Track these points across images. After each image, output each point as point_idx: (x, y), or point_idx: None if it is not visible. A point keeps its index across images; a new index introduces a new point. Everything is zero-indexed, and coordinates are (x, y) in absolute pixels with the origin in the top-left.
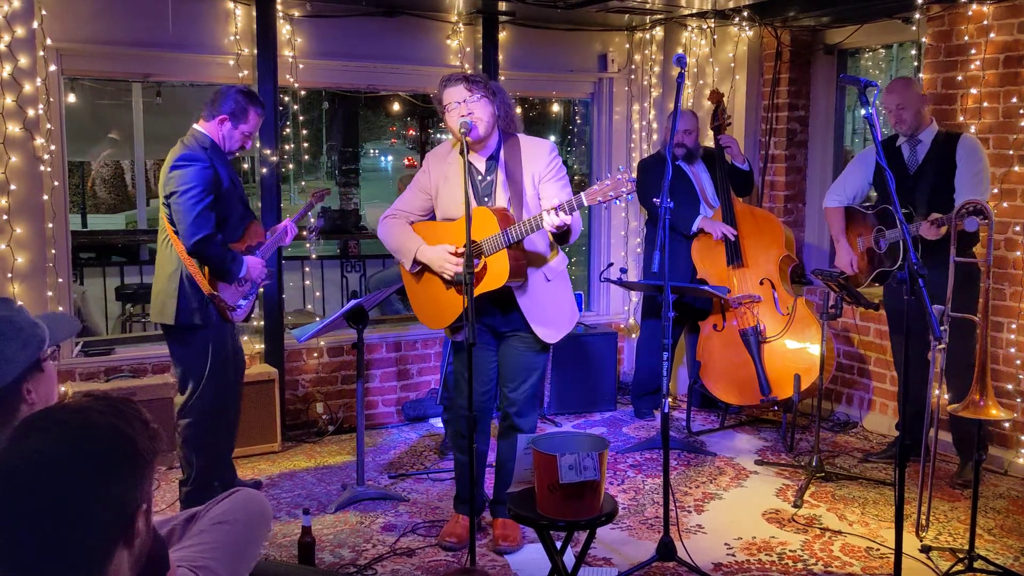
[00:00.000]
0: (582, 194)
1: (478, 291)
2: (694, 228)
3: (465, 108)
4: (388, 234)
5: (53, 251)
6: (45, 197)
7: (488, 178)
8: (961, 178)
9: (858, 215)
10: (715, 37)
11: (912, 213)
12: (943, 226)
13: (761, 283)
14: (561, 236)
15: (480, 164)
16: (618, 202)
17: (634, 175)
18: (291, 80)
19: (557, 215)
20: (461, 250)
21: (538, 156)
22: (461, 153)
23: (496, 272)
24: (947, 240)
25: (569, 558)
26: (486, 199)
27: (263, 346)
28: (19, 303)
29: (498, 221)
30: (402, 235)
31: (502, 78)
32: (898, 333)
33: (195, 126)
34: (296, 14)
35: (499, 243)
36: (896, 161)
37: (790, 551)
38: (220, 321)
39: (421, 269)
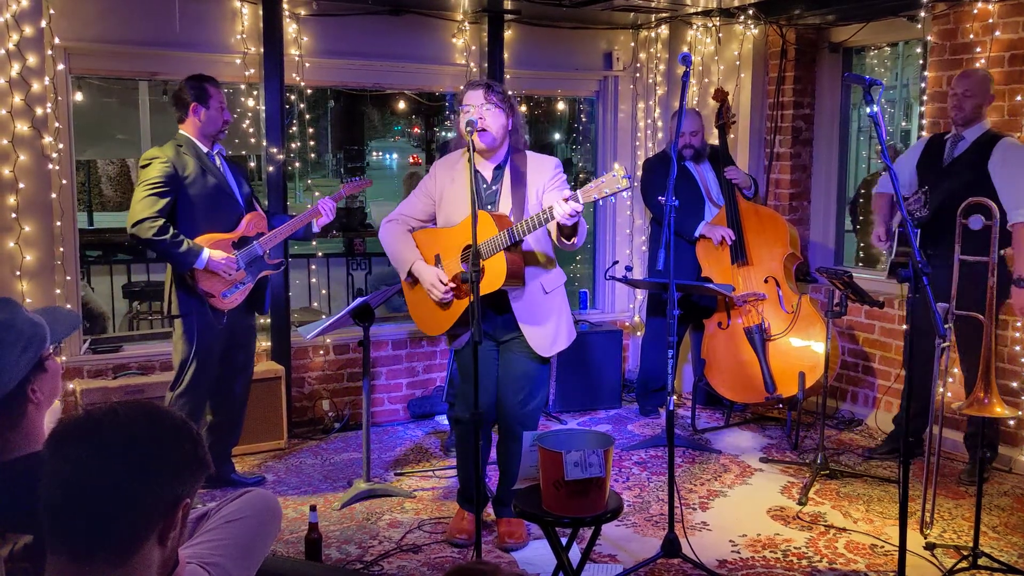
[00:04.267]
0: (578, 192)
1: None
2: (696, 235)
3: (476, 113)
4: (388, 240)
5: (61, 249)
6: (53, 195)
7: (494, 187)
8: (1003, 185)
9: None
10: (720, 35)
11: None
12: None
13: (766, 281)
14: (568, 233)
15: (487, 172)
16: (613, 199)
17: (631, 173)
18: (297, 79)
19: (568, 203)
20: (452, 284)
21: (544, 170)
22: (469, 153)
23: (493, 274)
24: (971, 238)
25: (575, 554)
26: (489, 206)
27: (270, 343)
28: (26, 300)
29: (497, 227)
30: (401, 244)
31: (507, 76)
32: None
33: (178, 131)
34: (302, 13)
35: (501, 242)
36: (936, 154)
37: (795, 548)
38: (203, 309)
39: (416, 279)
